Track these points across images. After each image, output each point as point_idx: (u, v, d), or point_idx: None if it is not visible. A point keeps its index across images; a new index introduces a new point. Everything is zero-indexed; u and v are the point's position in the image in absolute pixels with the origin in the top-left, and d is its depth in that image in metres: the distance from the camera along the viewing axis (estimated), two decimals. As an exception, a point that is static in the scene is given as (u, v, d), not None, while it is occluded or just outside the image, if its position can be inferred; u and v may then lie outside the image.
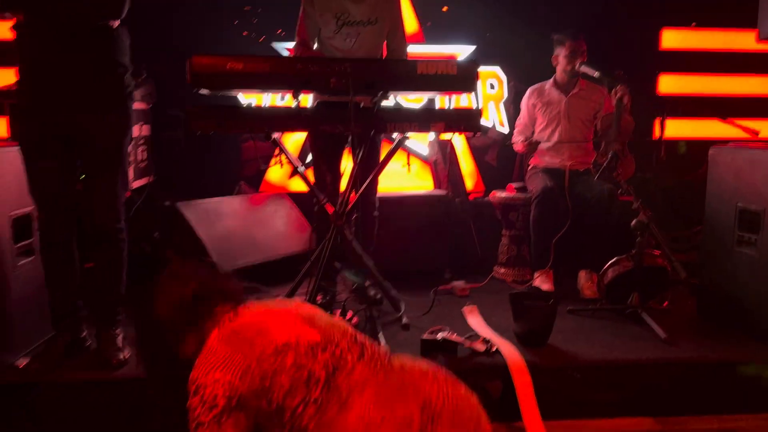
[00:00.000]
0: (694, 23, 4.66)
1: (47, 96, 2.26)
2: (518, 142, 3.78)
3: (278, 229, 3.84)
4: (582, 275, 3.46)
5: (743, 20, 3.89)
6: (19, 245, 2.48)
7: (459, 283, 3.46)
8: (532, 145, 3.73)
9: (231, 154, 4.36)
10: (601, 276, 3.12)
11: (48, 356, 2.37)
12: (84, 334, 2.53)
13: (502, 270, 3.78)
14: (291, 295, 2.89)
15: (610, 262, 3.08)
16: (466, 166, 4.45)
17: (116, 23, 2.33)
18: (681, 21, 4.63)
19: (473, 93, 2.66)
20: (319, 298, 2.89)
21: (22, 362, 2.36)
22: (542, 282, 3.44)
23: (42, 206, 2.33)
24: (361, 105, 2.73)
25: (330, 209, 2.83)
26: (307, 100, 3.09)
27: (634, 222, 2.90)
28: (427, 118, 2.75)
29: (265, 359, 1.43)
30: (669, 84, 4.60)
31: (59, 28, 2.22)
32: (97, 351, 2.46)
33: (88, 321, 2.55)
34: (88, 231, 2.41)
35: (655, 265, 3.05)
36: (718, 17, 4.56)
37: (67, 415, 2.27)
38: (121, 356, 2.39)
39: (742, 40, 4.50)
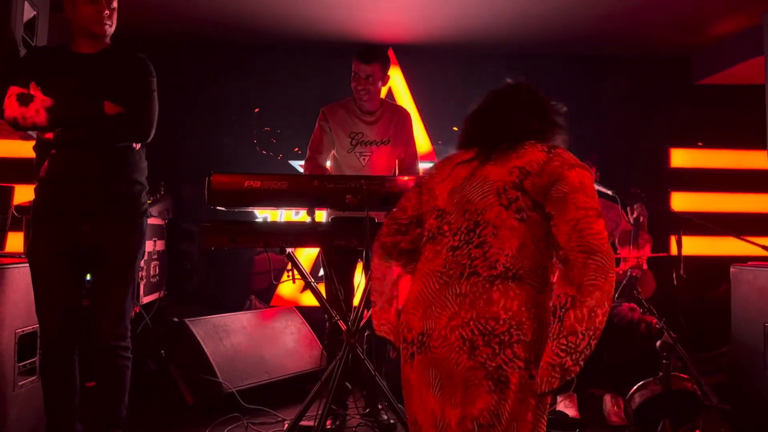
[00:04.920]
0: (700, 143, 4.77)
1: (63, 210, 2.27)
2: None
3: (287, 347, 3.73)
4: (607, 400, 3.28)
5: (752, 141, 3.97)
6: (22, 364, 2.41)
7: (476, 407, 3.26)
8: None
9: (243, 268, 4.35)
10: (627, 401, 2.95)
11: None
12: (80, 461, 2.38)
13: (522, 392, 3.59)
14: (299, 419, 2.73)
15: (636, 386, 2.92)
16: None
17: (138, 145, 2.40)
18: (688, 142, 4.75)
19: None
20: (329, 423, 2.73)
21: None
22: (566, 407, 3.24)
23: (46, 323, 2.28)
24: (376, 220, 2.73)
25: (343, 326, 2.75)
26: (322, 214, 3.10)
27: (659, 343, 2.78)
28: (441, 235, 2.73)
29: None
30: (681, 201, 4.63)
31: (84, 147, 2.28)
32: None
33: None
34: (93, 348, 2.33)
35: (684, 389, 2.88)
36: (725, 138, 4.68)
37: None
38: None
39: (752, 159, 4.57)
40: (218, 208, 2.57)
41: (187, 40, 4.44)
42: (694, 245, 4.35)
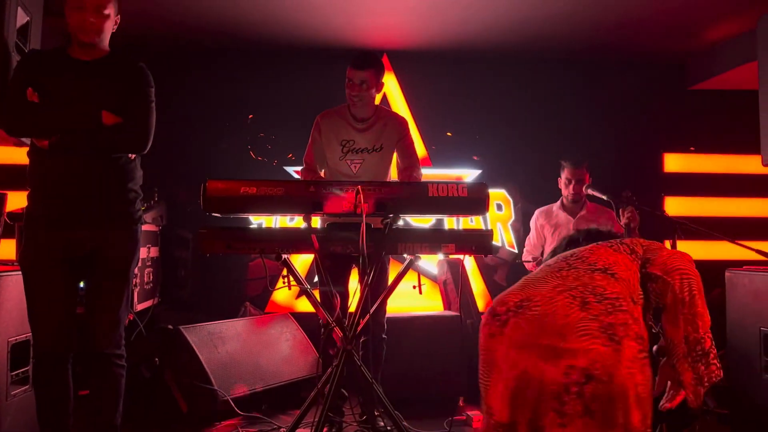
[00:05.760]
0: (692, 149, 4.79)
1: (56, 217, 2.25)
2: (530, 262, 3.77)
3: (283, 353, 3.71)
4: (603, 404, 3.27)
5: (745, 146, 3.99)
6: (14, 373, 2.38)
7: (475, 413, 3.26)
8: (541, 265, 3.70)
9: (238, 275, 4.33)
10: (624, 405, 2.95)
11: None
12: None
13: (518, 397, 3.59)
14: (295, 427, 2.71)
15: (633, 391, 2.91)
16: (476, 286, 4.38)
17: (134, 155, 2.39)
18: (681, 147, 4.77)
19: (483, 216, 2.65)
20: (325, 430, 2.71)
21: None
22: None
23: (39, 331, 2.24)
24: (372, 226, 2.71)
25: (339, 333, 2.73)
26: (317, 220, 3.09)
27: (655, 347, 2.77)
28: (437, 240, 2.72)
29: None
30: (674, 206, 4.65)
31: (79, 155, 2.25)
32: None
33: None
34: (87, 356, 2.31)
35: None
36: (719, 143, 4.70)
37: None
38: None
39: (746, 164, 4.59)
40: (213, 214, 2.55)
41: (181, 46, 4.43)
42: (688, 250, 4.32)
